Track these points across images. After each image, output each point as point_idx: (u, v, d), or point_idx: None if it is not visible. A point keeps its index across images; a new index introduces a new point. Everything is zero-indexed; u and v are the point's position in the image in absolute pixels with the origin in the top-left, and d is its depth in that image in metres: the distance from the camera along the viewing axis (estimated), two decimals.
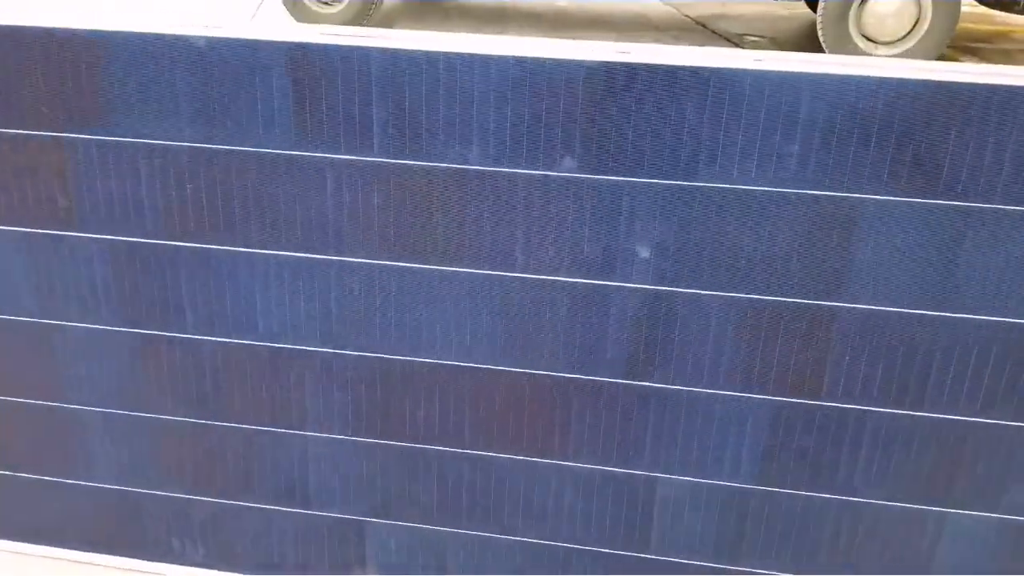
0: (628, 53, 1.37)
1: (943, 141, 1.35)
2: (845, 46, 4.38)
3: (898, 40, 4.44)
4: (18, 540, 1.92)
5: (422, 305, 1.58)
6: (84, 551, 1.91)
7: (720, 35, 4.40)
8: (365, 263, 1.57)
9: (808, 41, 4.48)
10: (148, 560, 1.88)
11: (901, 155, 1.37)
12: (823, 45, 4.42)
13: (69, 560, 1.90)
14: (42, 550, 1.91)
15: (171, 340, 1.67)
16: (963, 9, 5.04)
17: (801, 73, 1.35)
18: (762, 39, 4.46)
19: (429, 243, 1.53)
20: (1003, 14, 5.23)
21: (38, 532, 1.91)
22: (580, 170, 1.45)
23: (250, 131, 1.50)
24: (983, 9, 5.32)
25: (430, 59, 1.42)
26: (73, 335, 1.70)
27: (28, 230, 1.63)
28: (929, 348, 1.48)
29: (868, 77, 1.34)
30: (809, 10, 4.90)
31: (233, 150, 1.52)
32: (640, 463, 1.63)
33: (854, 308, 1.47)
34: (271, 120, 1.49)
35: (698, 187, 1.43)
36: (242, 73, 1.46)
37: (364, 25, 4.71)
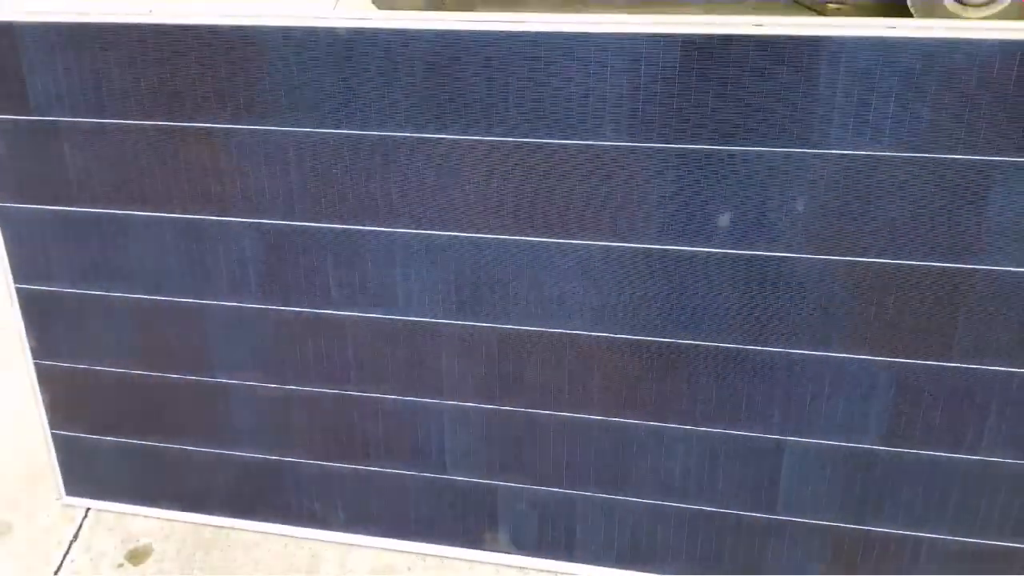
0: (761, 25, 1.41)
1: None
2: (934, 10, 4.28)
3: (988, 2, 4.32)
4: (168, 508, 2.07)
5: (549, 278, 1.65)
6: (230, 517, 2.05)
7: (802, 4, 4.34)
8: (495, 239, 1.65)
9: (891, 8, 4.38)
10: (292, 525, 2.01)
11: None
12: (911, 9, 4.33)
13: (216, 526, 2.04)
14: (190, 516, 2.06)
15: (316, 316, 1.79)
16: None
17: (918, 38, 1.37)
18: (844, 6, 4.38)
19: (555, 218, 1.60)
20: None
21: (186, 499, 2.06)
22: (703, 142, 1.50)
23: (389, 117, 1.59)
24: None
25: (555, 39, 1.48)
26: (223, 313, 1.83)
27: (185, 216, 1.76)
28: None
29: (978, 39, 1.35)
30: None
31: (372, 135, 1.61)
32: (768, 427, 1.68)
33: (987, 271, 1.49)
34: (405, 104, 1.57)
35: (825, 154, 1.46)
36: (382, 61, 1.55)
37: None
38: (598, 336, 1.69)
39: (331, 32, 1.55)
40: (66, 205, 1.80)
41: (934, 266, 1.50)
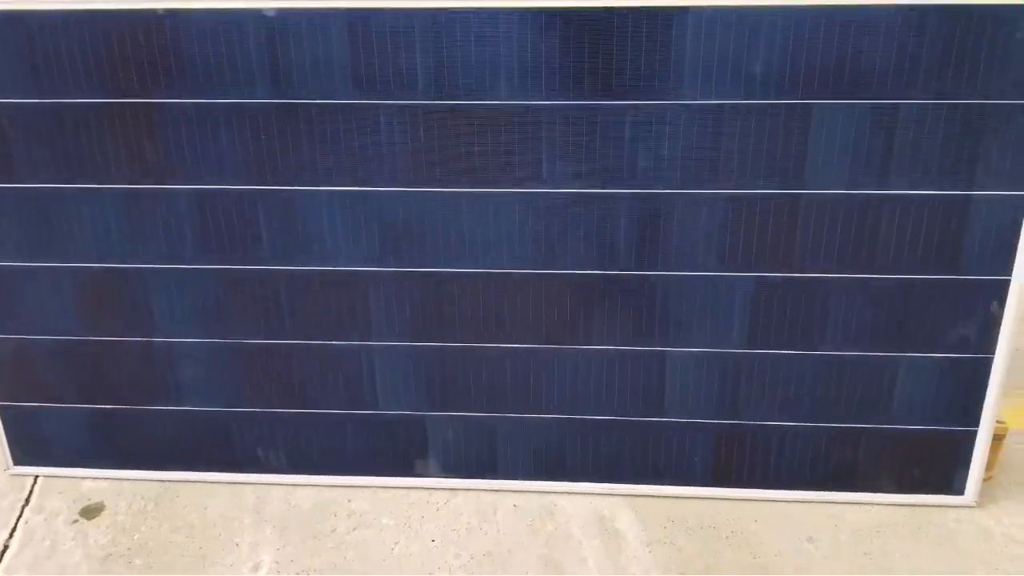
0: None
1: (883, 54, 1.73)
2: None
3: None
4: (117, 468, 2.21)
5: (463, 224, 1.91)
6: (179, 471, 2.20)
7: None
8: (414, 191, 1.89)
9: None
10: (237, 472, 2.19)
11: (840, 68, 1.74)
12: None
13: (164, 480, 2.19)
14: (139, 474, 2.20)
15: (251, 272, 1.98)
16: None
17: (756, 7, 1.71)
18: None
19: (465, 170, 1.86)
20: None
21: (133, 458, 2.20)
22: (588, 98, 1.79)
23: (316, 86, 1.81)
24: None
25: (459, 16, 1.75)
26: (161, 274, 2.00)
27: (123, 186, 1.92)
28: (874, 220, 1.85)
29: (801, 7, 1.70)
30: None
31: (299, 103, 1.83)
32: (651, 341, 1.99)
33: (811, 194, 1.84)
34: (332, 75, 1.80)
35: (683, 104, 1.78)
36: (307, 37, 1.77)
37: None
38: (509, 273, 1.95)
39: (257, 12, 1.77)
40: (5, 182, 1.94)
41: (772, 192, 1.85)
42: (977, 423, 2.00)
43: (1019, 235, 1.83)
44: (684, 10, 1.71)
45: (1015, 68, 1.71)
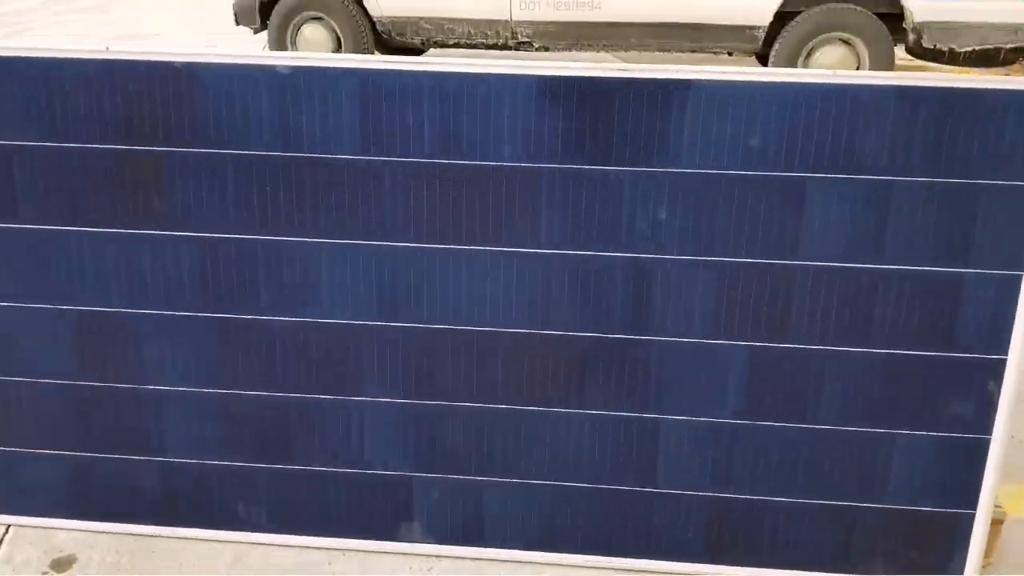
0: (627, 70, 1.77)
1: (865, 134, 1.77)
2: None
3: None
4: (92, 520, 2.14)
5: (461, 281, 1.91)
6: (154, 525, 2.13)
7: None
8: (412, 247, 1.91)
9: None
10: (215, 529, 2.12)
11: (836, 144, 1.78)
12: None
13: (139, 535, 2.12)
14: (114, 527, 2.13)
15: (245, 322, 1.97)
16: (897, 62, 5.71)
17: (760, 82, 1.77)
18: None
19: (464, 228, 1.88)
20: (935, 65, 5.88)
21: (109, 510, 2.13)
22: (589, 163, 1.83)
23: (323, 141, 1.85)
24: (917, 62, 6.01)
25: (467, 80, 1.80)
26: (156, 321, 1.99)
27: (126, 231, 1.93)
28: (869, 293, 1.86)
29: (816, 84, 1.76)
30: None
31: (301, 156, 1.86)
32: (645, 407, 1.97)
33: (808, 265, 1.86)
34: (340, 132, 1.84)
35: (679, 172, 1.82)
36: (318, 94, 1.82)
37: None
38: (502, 332, 1.94)
39: (271, 68, 1.82)
40: (7, 222, 1.94)
41: (767, 263, 1.86)
42: (975, 505, 1.97)
43: (1015, 314, 1.84)
44: (687, 83, 1.77)
45: (1006, 149, 1.76)
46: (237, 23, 6.17)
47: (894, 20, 5.47)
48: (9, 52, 1.84)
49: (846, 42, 5.53)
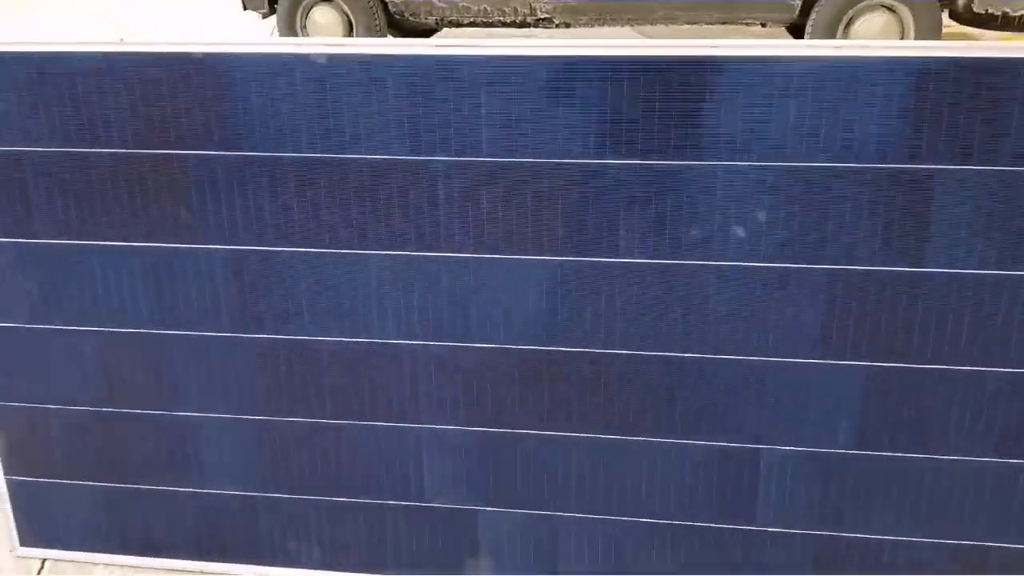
0: (717, 48, 1.49)
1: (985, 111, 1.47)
2: None
3: None
4: (131, 554, 1.98)
5: (528, 295, 1.67)
6: (198, 560, 1.97)
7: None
8: (471, 258, 1.67)
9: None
10: (264, 565, 1.95)
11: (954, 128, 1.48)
12: None
13: (182, 571, 1.96)
14: (154, 562, 1.97)
15: (288, 343, 1.76)
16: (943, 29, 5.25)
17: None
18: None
19: (531, 235, 1.63)
20: (980, 31, 5.45)
21: (150, 543, 1.97)
22: (673, 158, 1.56)
23: (361, 142, 1.61)
24: (962, 28, 5.54)
25: (527, 64, 1.54)
26: (190, 343, 1.79)
27: (152, 244, 1.73)
28: (1009, 306, 1.57)
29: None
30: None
31: (343, 158, 1.63)
32: (744, 436, 1.71)
33: (935, 272, 1.57)
34: (387, 129, 1.60)
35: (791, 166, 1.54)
36: (359, 86, 1.58)
37: None
38: (571, 352, 1.70)
39: (305, 58, 1.58)
40: (22, 236, 1.76)
41: (886, 271, 1.58)
42: None
43: None
44: (788, 62, 1.48)
45: None
46: (245, 8, 5.94)
47: None
48: (12, 47, 1.63)
49: (889, 8, 5.09)
